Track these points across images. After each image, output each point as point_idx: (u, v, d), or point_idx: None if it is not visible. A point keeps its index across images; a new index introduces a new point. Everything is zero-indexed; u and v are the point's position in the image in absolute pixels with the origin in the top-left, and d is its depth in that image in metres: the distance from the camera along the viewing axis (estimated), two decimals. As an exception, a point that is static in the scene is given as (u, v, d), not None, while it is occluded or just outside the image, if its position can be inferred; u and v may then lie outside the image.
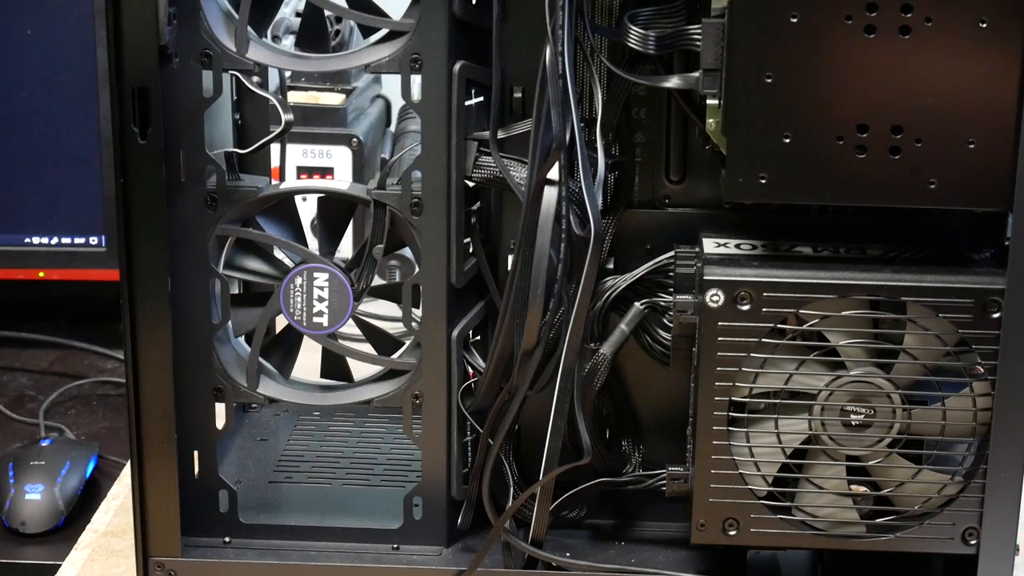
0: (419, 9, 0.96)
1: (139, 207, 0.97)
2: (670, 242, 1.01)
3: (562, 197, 0.94)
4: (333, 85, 1.59)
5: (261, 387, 1.02)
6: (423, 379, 1.01)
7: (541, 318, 0.95)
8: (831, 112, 0.90)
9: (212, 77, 0.97)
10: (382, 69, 0.97)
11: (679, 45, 0.94)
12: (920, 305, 0.93)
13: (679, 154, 1.02)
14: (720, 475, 0.96)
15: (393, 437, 1.18)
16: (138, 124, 0.95)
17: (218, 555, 1.04)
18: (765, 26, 0.89)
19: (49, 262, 1.50)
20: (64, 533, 1.19)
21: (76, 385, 1.47)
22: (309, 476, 1.13)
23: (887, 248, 0.97)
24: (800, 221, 1.00)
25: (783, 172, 0.91)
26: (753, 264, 0.95)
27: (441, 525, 1.04)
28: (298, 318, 1.01)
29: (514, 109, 1.01)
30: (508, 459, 1.03)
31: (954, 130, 0.89)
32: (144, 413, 1.00)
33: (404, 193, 0.99)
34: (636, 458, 1.05)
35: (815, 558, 1.07)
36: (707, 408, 0.95)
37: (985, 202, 0.91)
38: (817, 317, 0.94)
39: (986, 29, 0.87)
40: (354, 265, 1.01)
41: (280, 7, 1.05)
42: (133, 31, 0.94)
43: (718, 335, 0.94)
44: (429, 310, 1.00)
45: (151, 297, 0.98)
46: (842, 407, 0.95)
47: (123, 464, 1.27)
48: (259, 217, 1.02)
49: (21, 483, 1.20)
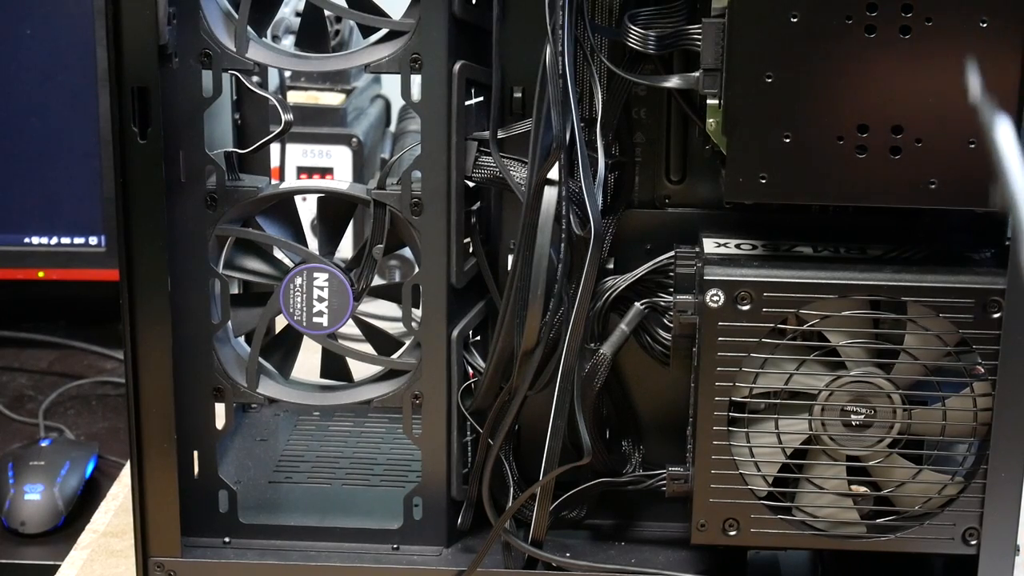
0: (419, 9, 0.96)
1: (139, 207, 0.97)
2: (670, 242, 1.01)
3: (562, 197, 0.94)
4: (333, 85, 1.60)
5: (261, 387, 1.02)
6: (423, 379, 1.01)
7: (541, 318, 0.95)
8: (831, 112, 0.90)
9: (212, 77, 0.97)
10: (382, 69, 0.97)
11: (679, 45, 0.94)
12: (920, 305, 0.93)
13: (679, 154, 1.02)
14: (720, 475, 0.96)
15: (393, 437, 1.18)
16: (138, 124, 0.95)
17: (218, 555, 1.04)
18: (765, 26, 0.89)
19: (49, 262, 1.50)
20: (64, 533, 1.19)
21: (76, 385, 1.47)
22: (309, 476, 1.13)
23: (887, 248, 0.97)
24: (800, 221, 1.00)
25: (783, 172, 0.91)
26: (753, 264, 0.95)
27: (441, 525, 1.04)
28: (298, 318, 1.01)
29: (514, 109, 1.01)
30: (508, 459, 1.03)
31: (954, 130, 0.89)
32: (144, 413, 1.00)
33: (404, 193, 0.99)
34: (636, 458, 1.05)
35: (815, 558, 1.07)
36: (707, 408, 0.95)
37: (985, 202, 0.91)
38: (817, 317, 0.94)
39: (986, 29, 0.87)
40: (354, 265, 1.01)
41: (280, 7, 1.05)
42: (133, 31, 0.94)
43: (718, 335, 0.94)
44: (429, 310, 1.00)
45: (151, 297, 0.98)
46: (842, 407, 0.95)
47: (123, 464, 1.27)
48: (259, 217, 1.02)
49: (21, 483, 1.20)
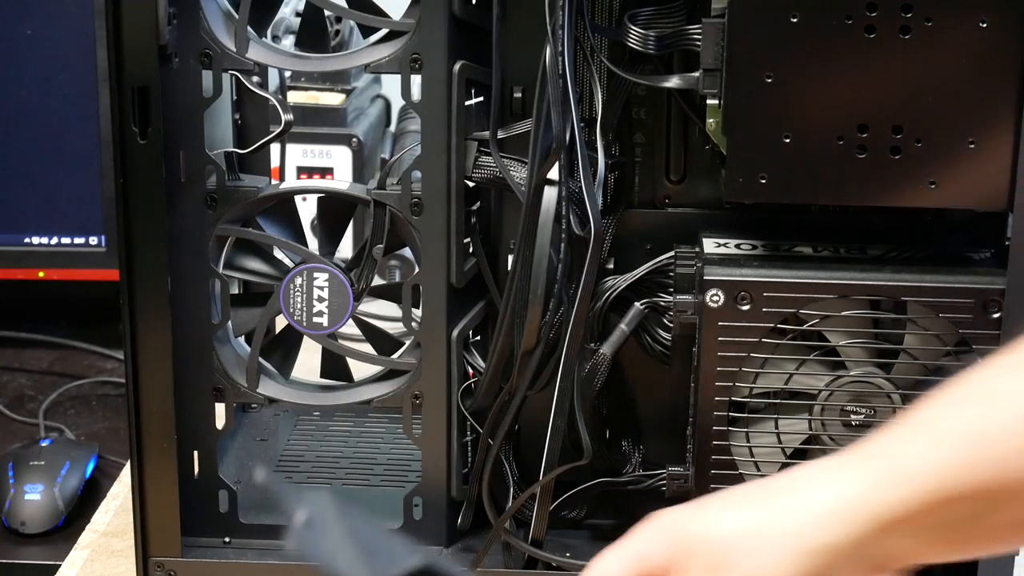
0: (419, 9, 0.95)
1: (139, 207, 0.97)
2: (670, 242, 1.01)
3: (562, 197, 0.94)
4: (333, 85, 1.59)
5: (261, 387, 1.02)
6: (423, 379, 1.01)
7: (541, 318, 0.95)
8: (831, 112, 0.90)
9: (212, 77, 0.97)
10: (382, 69, 0.97)
11: (679, 45, 0.94)
12: (920, 305, 0.93)
13: (679, 154, 1.02)
14: (720, 475, 0.96)
15: (393, 437, 1.18)
16: (138, 124, 0.95)
17: (218, 555, 1.04)
18: (765, 26, 0.89)
19: (49, 262, 1.50)
20: (64, 533, 1.19)
21: (76, 385, 1.47)
22: (309, 476, 1.13)
23: (887, 248, 0.97)
24: (800, 221, 1.00)
25: (783, 172, 0.91)
26: (753, 264, 0.95)
27: (441, 525, 1.04)
28: (298, 318, 1.01)
29: (514, 109, 1.01)
30: (508, 459, 1.03)
31: (954, 130, 0.89)
32: (144, 413, 1.00)
33: (404, 193, 0.99)
34: (636, 458, 1.05)
35: (815, 558, 1.07)
36: (707, 408, 0.95)
37: (985, 202, 0.91)
38: (817, 317, 0.94)
39: (986, 29, 0.87)
40: (354, 265, 1.01)
41: (280, 7, 1.05)
42: (133, 31, 0.94)
43: (718, 335, 0.94)
44: (429, 310, 1.00)
45: (151, 297, 0.98)
46: (842, 407, 0.95)
47: (123, 464, 1.27)
48: (259, 217, 1.02)
49: (21, 483, 1.20)
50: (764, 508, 0.70)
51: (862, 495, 0.68)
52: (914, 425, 0.69)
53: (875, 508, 0.67)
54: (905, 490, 0.67)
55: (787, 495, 0.70)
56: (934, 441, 0.68)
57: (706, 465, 0.96)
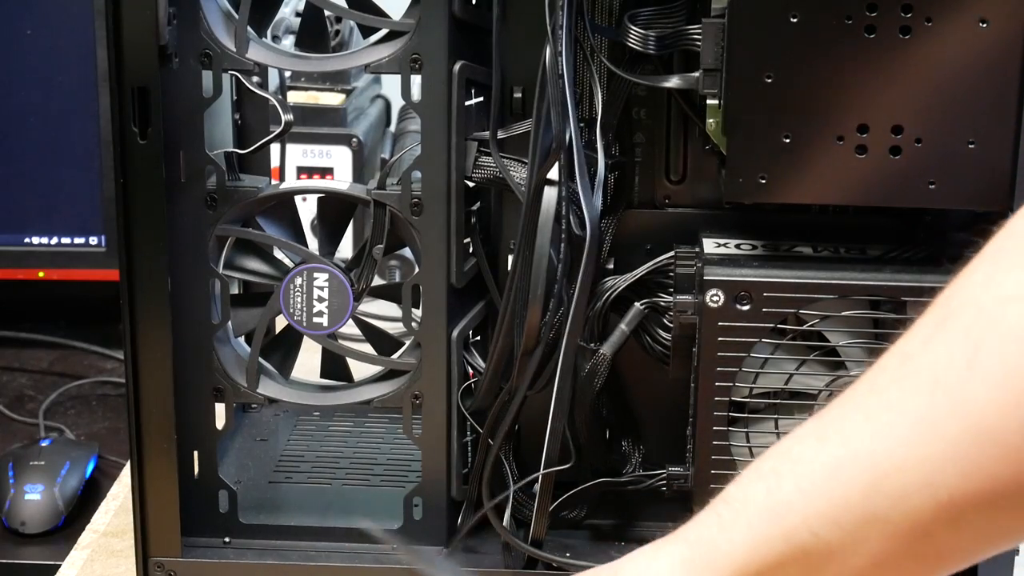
0: (419, 9, 0.95)
1: (139, 207, 0.97)
2: (670, 242, 1.01)
3: (562, 197, 0.94)
4: (333, 85, 1.59)
5: (261, 387, 1.02)
6: (423, 379, 1.01)
7: (541, 318, 0.95)
8: (831, 112, 0.90)
9: (212, 77, 0.97)
10: (382, 69, 0.97)
11: (679, 45, 0.94)
12: (920, 305, 0.93)
13: (679, 154, 1.02)
14: (720, 475, 0.96)
15: (393, 437, 1.18)
16: (138, 124, 0.95)
17: (218, 555, 1.04)
18: (765, 26, 0.89)
19: (49, 262, 1.50)
20: (64, 533, 1.19)
21: (76, 385, 1.47)
22: (309, 476, 1.13)
23: (887, 248, 0.97)
24: (800, 221, 1.00)
25: (783, 172, 0.91)
26: (753, 264, 0.95)
27: (441, 525, 1.04)
28: (298, 318, 1.01)
29: (514, 109, 1.01)
30: (508, 459, 1.03)
31: (954, 130, 0.89)
32: (144, 413, 1.00)
33: (404, 193, 0.99)
34: (636, 458, 1.05)
35: (815, 558, 1.07)
36: (707, 408, 0.95)
37: (985, 202, 0.91)
38: (817, 317, 0.94)
39: (986, 29, 0.87)
40: (354, 265, 1.01)
41: (280, 7, 1.05)
42: (133, 31, 0.94)
43: (718, 335, 0.94)
44: (429, 310, 1.00)
45: (151, 297, 0.98)
46: (842, 407, 0.95)
47: (123, 464, 1.27)
48: (259, 217, 1.02)
49: (21, 483, 1.20)
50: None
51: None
52: (728, 502, 0.70)
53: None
54: (718, 574, 0.68)
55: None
56: (740, 519, 0.68)
57: (706, 465, 0.96)
